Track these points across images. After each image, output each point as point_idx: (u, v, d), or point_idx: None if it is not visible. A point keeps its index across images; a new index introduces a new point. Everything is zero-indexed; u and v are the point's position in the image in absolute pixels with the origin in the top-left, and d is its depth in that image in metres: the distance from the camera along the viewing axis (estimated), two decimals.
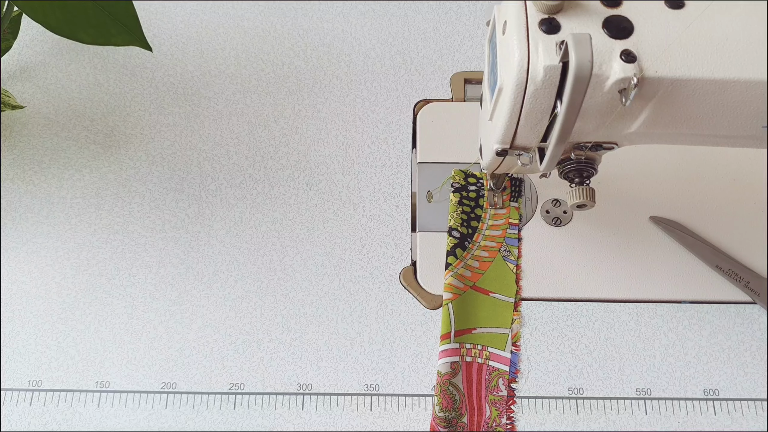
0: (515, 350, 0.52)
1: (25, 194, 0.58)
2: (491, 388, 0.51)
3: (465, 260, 0.54)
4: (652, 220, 0.56)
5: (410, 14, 0.65)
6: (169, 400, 0.51)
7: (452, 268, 0.54)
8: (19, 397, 0.51)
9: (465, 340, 0.52)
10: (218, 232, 0.56)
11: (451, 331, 0.52)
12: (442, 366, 0.51)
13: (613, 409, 0.50)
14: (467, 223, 0.55)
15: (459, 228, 0.55)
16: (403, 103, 0.61)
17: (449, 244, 0.54)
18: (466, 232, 0.55)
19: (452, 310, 0.52)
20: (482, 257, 0.55)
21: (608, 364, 0.52)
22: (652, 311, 0.53)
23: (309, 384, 0.51)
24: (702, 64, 0.36)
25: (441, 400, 0.50)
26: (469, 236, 0.55)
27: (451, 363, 0.51)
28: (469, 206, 0.56)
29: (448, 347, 0.51)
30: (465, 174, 0.57)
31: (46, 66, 0.63)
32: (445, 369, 0.50)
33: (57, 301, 0.54)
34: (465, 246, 0.54)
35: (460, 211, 0.55)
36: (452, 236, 0.55)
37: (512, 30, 0.37)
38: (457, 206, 0.56)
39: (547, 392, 0.51)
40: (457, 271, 0.53)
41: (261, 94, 0.62)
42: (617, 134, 0.41)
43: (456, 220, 0.55)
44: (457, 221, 0.55)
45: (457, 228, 0.55)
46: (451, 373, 0.50)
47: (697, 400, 0.50)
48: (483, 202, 0.56)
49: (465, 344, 0.52)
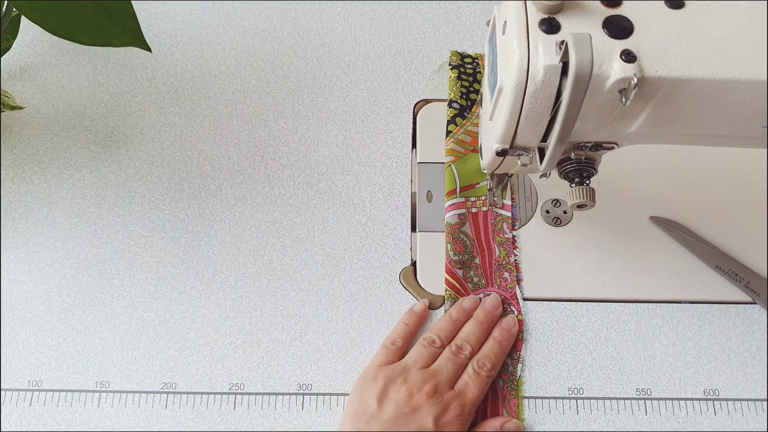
0: (513, 202, 0.57)
1: (25, 194, 0.58)
2: (497, 230, 0.55)
3: (465, 127, 0.58)
4: (652, 220, 0.56)
5: (410, 14, 0.65)
6: (169, 400, 0.51)
7: (453, 135, 0.58)
8: (19, 397, 0.51)
9: (469, 194, 0.57)
10: (218, 232, 0.56)
11: (456, 187, 0.56)
12: (450, 218, 0.56)
13: (613, 409, 0.50)
14: (466, 95, 0.59)
15: (459, 100, 0.59)
16: (403, 103, 0.61)
17: (449, 114, 0.59)
18: (465, 104, 0.59)
19: (455, 170, 0.57)
20: None
21: (608, 364, 0.52)
22: (652, 311, 0.53)
23: (309, 384, 0.51)
24: (702, 64, 0.36)
25: (454, 246, 0.54)
26: (468, 107, 0.59)
27: (458, 215, 0.56)
28: (467, 81, 0.60)
29: (454, 201, 0.56)
30: (461, 55, 0.61)
31: (46, 66, 0.63)
32: (453, 220, 0.56)
33: (57, 301, 0.54)
34: (464, 115, 0.59)
35: (459, 84, 0.59)
36: (452, 107, 0.59)
37: (512, 30, 0.37)
38: (456, 81, 0.59)
39: (547, 392, 0.51)
40: (457, 137, 0.57)
41: (261, 94, 0.62)
42: (617, 134, 0.41)
43: (455, 93, 0.59)
44: (456, 94, 0.59)
45: (456, 100, 0.59)
46: (459, 223, 0.55)
47: (697, 400, 0.50)
48: (480, 77, 0.60)
49: (470, 198, 0.57)
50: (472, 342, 0.50)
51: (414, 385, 0.47)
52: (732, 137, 0.41)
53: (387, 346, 0.51)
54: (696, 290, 0.54)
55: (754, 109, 0.38)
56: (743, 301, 0.53)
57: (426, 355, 0.49)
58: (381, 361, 0.50)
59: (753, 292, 0.53)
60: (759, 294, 0.52)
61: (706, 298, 0.54)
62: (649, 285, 0.54)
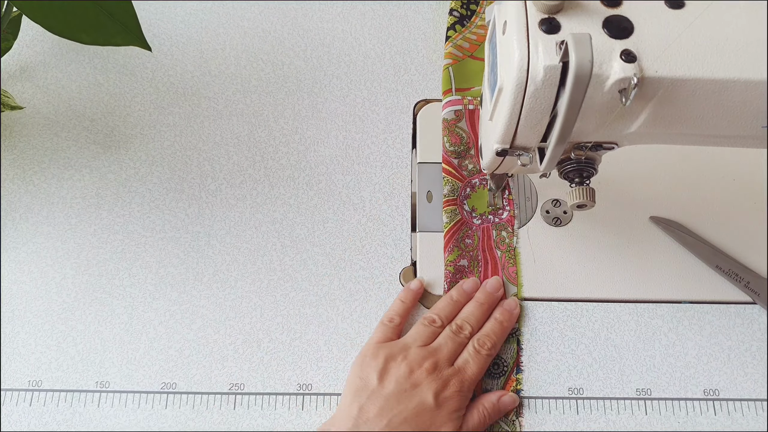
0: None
1: (25, 194, 0.58)
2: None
3: (464, 34, 0.60)
4: (652, 220, 0.56)
5: (410, 14, 0.65)
6: (169, 400, 0.51)
7: (452, 39, 0.61)
8: (19, 397, 0.51)
9: (465, 94, 0.59)
10: (218, 232, 0.56)
11: (452, 87, 0.59)
12: (447, 114, 0.58)
13: (613, 409, 0.50)
14: (466, 6, 0.62)
15: (459, 9, 0.62)
16: (403, 103, 0.61)
17: (449, 21, 0.62)
18: (465, 13, 0.62)
19: (452, 72, 0.59)
20: (480, 33, 0.61)
21: (608, 364, 0.52)
22: (652, 311, 0.53)
23: (309, 384, 0.51)
24: (702, 64, 0.36)
25: (450, 138, 0.57)
26: (467, 17, 0.62)
27: (455, 111, 0.58)
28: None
29: (451, 99, 0.59)
30: None
31: (46, 66, 0.63)
32: (450, 116, 0.58)
33: (57, 301, 0.54)
34: (464, 23, 0.62)
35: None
36: (452, 15, 0.62)
37: (512, 30, 0.37)
38: None
39: (547, 392, 0.51)
40: (456, 42, 0.60)
41: (261, 94, 0.62)
42: (617, 134, 0.41)
43: (456, 4, 0.62)
44: (457, 4, 0.62)
45: (457, 9, 0.62)
46: (455, 119, 0.58)
47: (697, 400, 0.50)
48: None
49: (466, 96, 0.59)
50: (472, 322, 0.51)
51: (414, 361, 0.47)
52: (732, 137, 0.41)
53: (384, 323, 0.51)
54: (696, 290, 0.54)
55: (754, 109, 0.38)
56: (743, 301, 0.53)
57: (426, 334, 0.50)
58: (380, 338, 0.50)
59: (753, 292, 0.53)
60: (759, 294, 0.52)
61: (706, 298, 0.54)
62: (649, 285, 0.54)
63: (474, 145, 0.57)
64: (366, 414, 0.45)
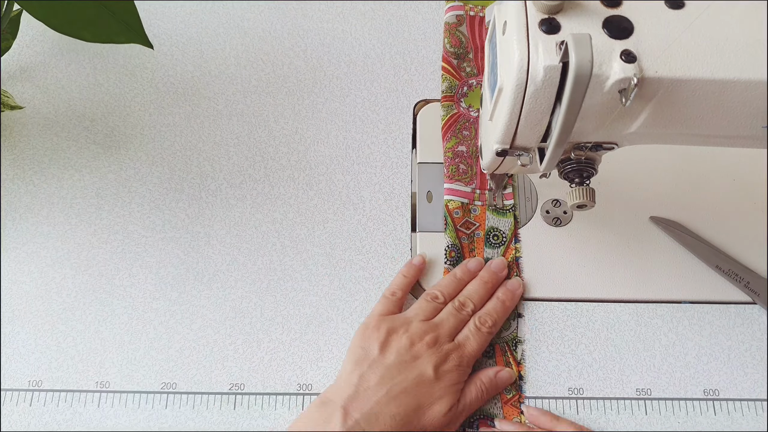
0: None
1: (25, 194, 0.58)
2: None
3: None
4: (652, 220, 0.56)
5: (410, 14, 0.65)
6: (169, 400, 0.51)
7: None
8: (19, 397, 0.51)
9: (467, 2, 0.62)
10: (218, 232, 0.56)
11: None
12: (449, 18, 0.61)
13: (613, 409, 0.50)
14: None
15: None
16: (403, 103, 0.61)
17: None
18: None
19: None
20: None
21: (608, 364, 0.52)
22: (652, 311, 0.53)
23: (309, 384, 0.51)
24: (702, 64, 0.36)
25: (450, 40, 0.60)
26: None
27: (456, 15, 0.61)
28: None
29: (453, 4, 0.62)
30: None
31: (46, 66, 0.63)
32: (451, 20, 0.61)
33: (57, 301, 0.54)
34: None
35: None
36: None
37: (512, 30, 0.37)
38: None
39: (547, 392, 0.51)
40: None
41: (261, 94, 0.62)
42: (617, 134, 0.41)
43: None
44: None
45: None
46: (456, 23, 0.61)
47: (697, 400, 0.50)
48: None
49: (468, 3, 0.62)
50: (475, 300, 0.51)
51: (415, 334, 0.48)
52: (732, 137, 0.41)
53: (387, 296, 0.52)
54: (696, 290, 0.54)
55: (753, 109, 0.38)
56: (743, 301, 0.53)
57: (428, 309, 0.51)
58: (382, 311, 0.51)
59: (753, 292, 0.53)
60: (759, 294, 0.52)
61: (706, 298, 0.54)
62: (649, 285, 0.54)
63: (473, 50, 0.60)
64: (366, 382, 0.46)
